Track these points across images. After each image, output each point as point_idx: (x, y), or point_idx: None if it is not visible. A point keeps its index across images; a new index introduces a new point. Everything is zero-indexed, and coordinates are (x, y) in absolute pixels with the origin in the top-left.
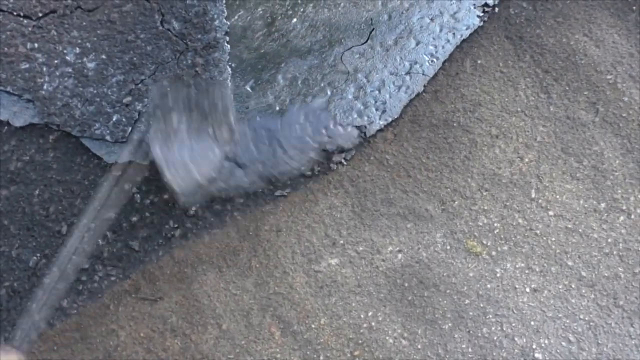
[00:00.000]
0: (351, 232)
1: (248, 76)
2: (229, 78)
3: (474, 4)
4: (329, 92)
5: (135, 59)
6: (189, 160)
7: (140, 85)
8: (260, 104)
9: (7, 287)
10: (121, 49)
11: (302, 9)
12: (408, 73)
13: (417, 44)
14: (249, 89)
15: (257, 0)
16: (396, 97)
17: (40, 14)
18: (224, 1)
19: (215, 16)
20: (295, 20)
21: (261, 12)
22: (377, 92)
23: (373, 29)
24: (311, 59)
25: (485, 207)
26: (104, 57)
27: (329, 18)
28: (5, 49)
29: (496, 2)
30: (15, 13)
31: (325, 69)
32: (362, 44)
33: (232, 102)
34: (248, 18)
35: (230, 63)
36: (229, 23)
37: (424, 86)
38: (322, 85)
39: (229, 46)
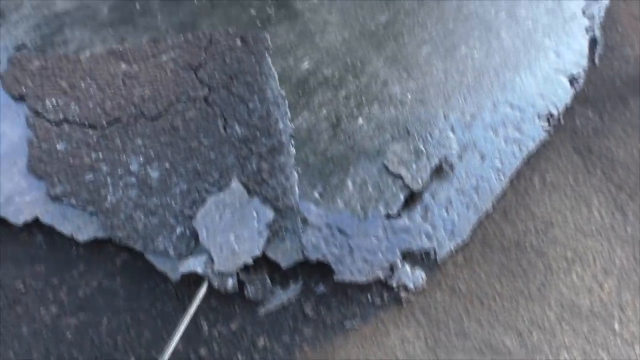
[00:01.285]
0: None
1: (315, 181)
2: (296, 184)
3: (538, 114)
4: (401, 197)
5: (199, 166)
6: (234, 241)
7: (204, 193)
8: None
9: None
10: (184, 156)
11: (367, 109)
12: (475, 190)
13: (482, 158)
14: (317, 195)
15: (320, 101)
16: (464, 216)
17: (105, 123)
18: (287, 103)
19: (279, 119)
20: (361, 120)
21: (325, 113)
22: (444, 212)
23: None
24: (381, 160)
25: (566, 341)
26: (167, 165)
27: (395, 116)
28: (71, 160)
29: (561, 113)
30: (80, 123)
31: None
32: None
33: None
34: (312, 119)
35: (296, 167)
36: (293, 125)
37: (493, 204)
38: (394, 190)
39: (294, 149)
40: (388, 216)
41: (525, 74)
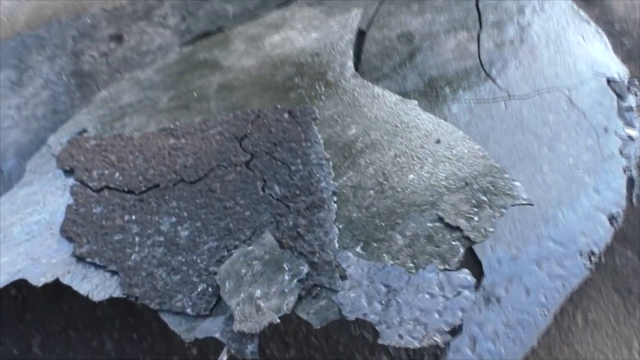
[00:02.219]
0: None
1: (359, 236)
2: (336, 239)
3: (580, 251)
4: (461, 250)
5: (231, 224)
6: (259, 297)
7: (233, 251)
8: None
9: None
10: (218, 215)
11: (419, 165)
12: (520, 324)
13: (527, 292)
14: (359, 250)
15: (367, 161)
16: (511, 351)
17: (143, 188)
18: (331, 164)
19: (321, 178)
20: (412, 176)
21: (372, 171)
22: (492, 344)
23: (484, 275)
24: (435, 213)
25: None
26: (198, 224)
27: (452, 171)
28: (104, 222)
29: (602, 251)
30: (120, 189)
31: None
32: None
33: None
34: (358, 178)
35: (337, 223)
36: (336, 184)
37: (538, 340)
38: (452, 243)
39: (335, 206)
40: (446, 270)
41: (566, 209)
